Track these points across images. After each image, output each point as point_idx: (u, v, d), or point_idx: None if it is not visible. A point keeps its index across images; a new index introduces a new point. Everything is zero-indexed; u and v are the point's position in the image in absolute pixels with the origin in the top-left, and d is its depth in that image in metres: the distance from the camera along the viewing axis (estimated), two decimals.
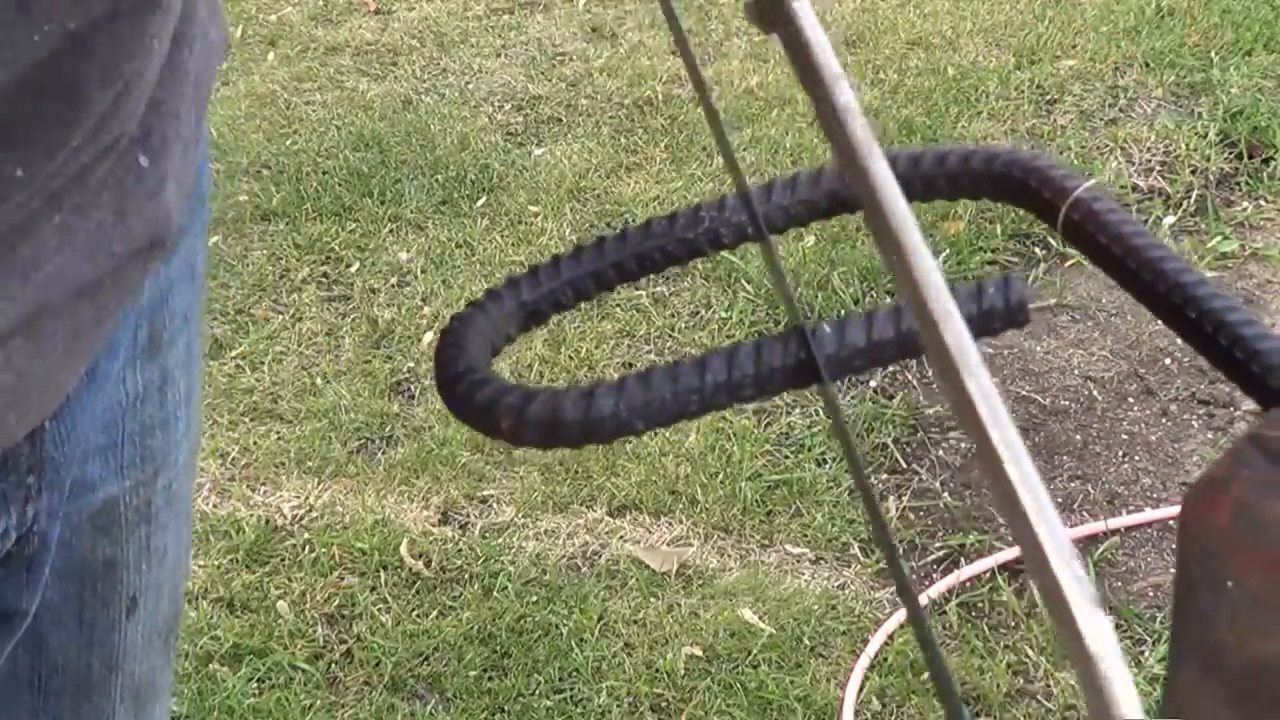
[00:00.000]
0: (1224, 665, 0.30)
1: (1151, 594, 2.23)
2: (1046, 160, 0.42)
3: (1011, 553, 2.26)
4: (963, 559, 2.27)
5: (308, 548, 2.33)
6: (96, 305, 0.68)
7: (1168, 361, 2.64)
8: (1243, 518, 0.30)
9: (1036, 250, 2.91)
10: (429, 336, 2.77)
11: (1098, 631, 0.27)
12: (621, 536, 2.33)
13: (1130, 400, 2.57)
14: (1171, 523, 2.34)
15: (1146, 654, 2.12)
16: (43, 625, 0.81)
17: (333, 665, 2.15)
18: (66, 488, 0.75)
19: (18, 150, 0.58)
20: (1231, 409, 2.53)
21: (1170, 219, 2.99)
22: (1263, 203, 3.04)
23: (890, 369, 2.63)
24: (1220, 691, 0.30)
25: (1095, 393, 2.59)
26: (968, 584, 2.23)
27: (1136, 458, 2.46)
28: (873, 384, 2.62)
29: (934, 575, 2.26)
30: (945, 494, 2.39)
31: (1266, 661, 0.29)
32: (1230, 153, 3.14)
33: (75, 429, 0.74)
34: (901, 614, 2.17)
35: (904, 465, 2.45)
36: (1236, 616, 0.29)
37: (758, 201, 0.44)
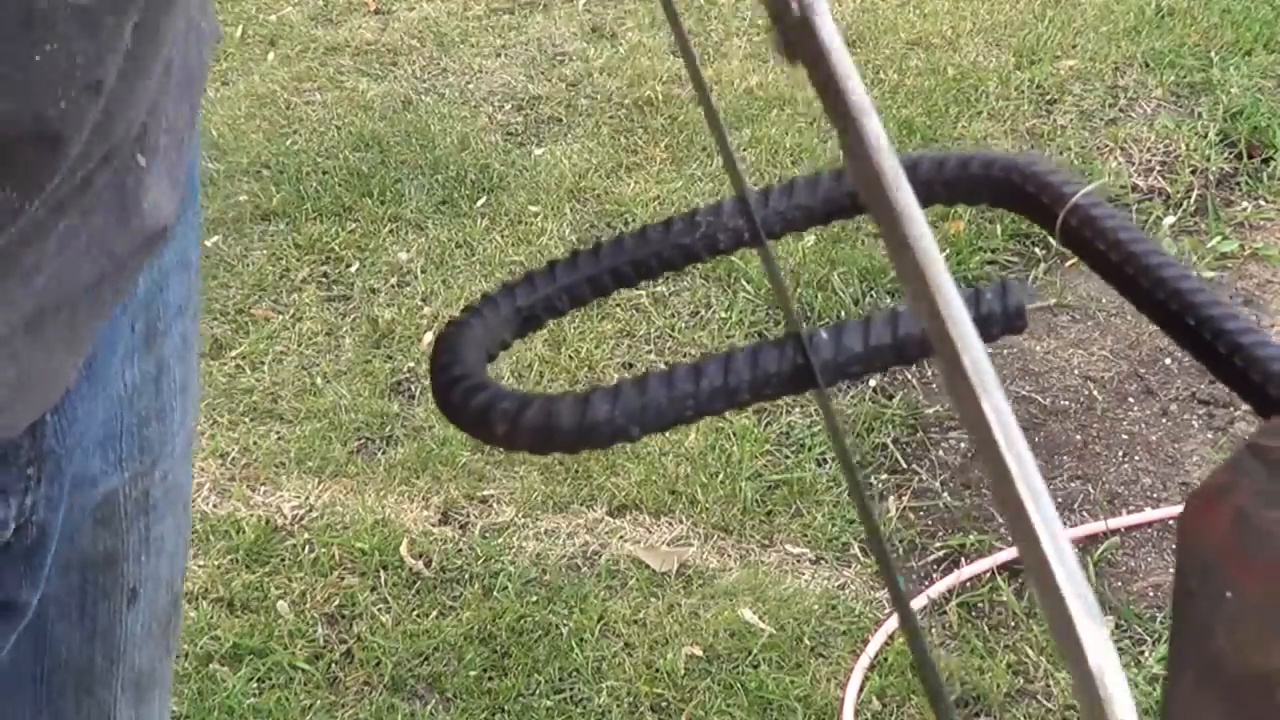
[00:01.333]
0: (1221, 675, 0.29)
1: (1151, 594, 2.22)
2: (1045, 165, 0.42)
3: (1011, 553, 2.25)
4: (963, 559, 2.27)
5: (308, 548, 2.33)
6: (96, 302, 0.68)
7: (1168, 361, 2.63)
8: (1242, 527, 0.30)
9: (1036, 250, 2.90)
10: (429, 336, 2.77)
11: (1099, 647, 0.26)
12: (621, 536, 2.33)
13: (1130, 400, 2.57)
14: (1171, 523, 2.34)
15: (1146, 654, 2.12)
16: (46, 620, 0.81)
17: (333, 665, 2.15)
18: (67, 480, 0.76)
19: (15, 178, 0.58)
20: (1231, 409, 2.52)
21: (1170, 219, 2.98)
22: (1263, 203, 3.04)
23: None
24: (1217, 702, 0.30)
25: (1095, 393, 2.58)
26: (968, 584, 2.23)
27: (1136, 458, 2.46)
28: (872, 384, 2.61)
29: (934, 575, 2.26)
30: (945, 494, 2.39)
31: (1264, 671, 0.29)
32: (1230, 153, 3.14)
33: (76, 422, 0.75)
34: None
35: (904, 465, 2.45)
36: (1235, 626, 0.29)
37: (755, 206, 0.44)
